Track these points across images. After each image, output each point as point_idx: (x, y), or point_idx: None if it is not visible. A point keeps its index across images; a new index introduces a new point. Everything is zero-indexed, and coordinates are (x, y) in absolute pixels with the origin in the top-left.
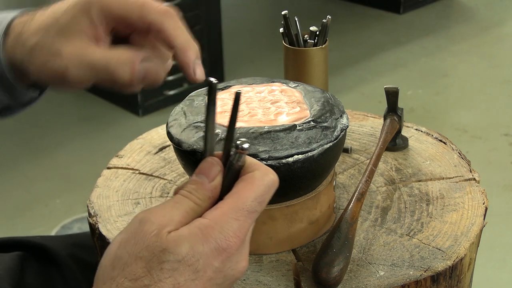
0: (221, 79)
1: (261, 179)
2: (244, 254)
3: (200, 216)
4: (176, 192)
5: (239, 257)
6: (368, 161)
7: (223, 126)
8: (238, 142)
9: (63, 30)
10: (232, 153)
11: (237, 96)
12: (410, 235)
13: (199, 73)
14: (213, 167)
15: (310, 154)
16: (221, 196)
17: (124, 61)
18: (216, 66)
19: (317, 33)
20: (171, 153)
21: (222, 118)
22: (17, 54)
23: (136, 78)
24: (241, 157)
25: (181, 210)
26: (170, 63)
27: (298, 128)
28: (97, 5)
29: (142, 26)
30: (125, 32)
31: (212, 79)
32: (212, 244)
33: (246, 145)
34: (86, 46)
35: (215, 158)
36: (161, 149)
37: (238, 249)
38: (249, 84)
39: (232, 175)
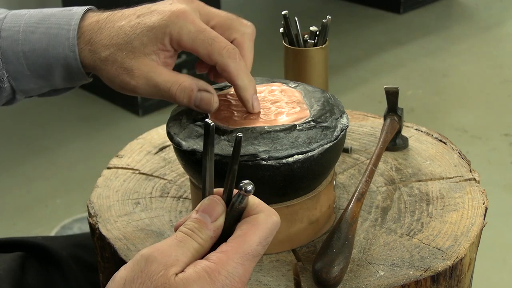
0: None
1: (265, 222)
2: None
3: (202, 255)
4: (176, 227)
5: None
6: (368, 161)
7: (222, 125)
8: (242, 184)
9: (135, 51)
10: (235, 194)
11: (238, 140)
12: (410, 235)
13: (256, 105)
14: (216, 206)
15: (310, 154)
16: (222, 236)
17: (184, 88)
18: None
19: (317, 33)
20: (171, 153)
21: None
22: (88, 58)
23: (192, 104)
24: (244, 198)
25: (185, 250)
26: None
27: (298, 128)
28: (170, 36)
29: (209, 63)
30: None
31: (209, 121)
32: None
33: (249, 187)
34: (155, 67)
35: (217, 196)
36: (161, 149)
37: None
38: None
39: (235, 215)
